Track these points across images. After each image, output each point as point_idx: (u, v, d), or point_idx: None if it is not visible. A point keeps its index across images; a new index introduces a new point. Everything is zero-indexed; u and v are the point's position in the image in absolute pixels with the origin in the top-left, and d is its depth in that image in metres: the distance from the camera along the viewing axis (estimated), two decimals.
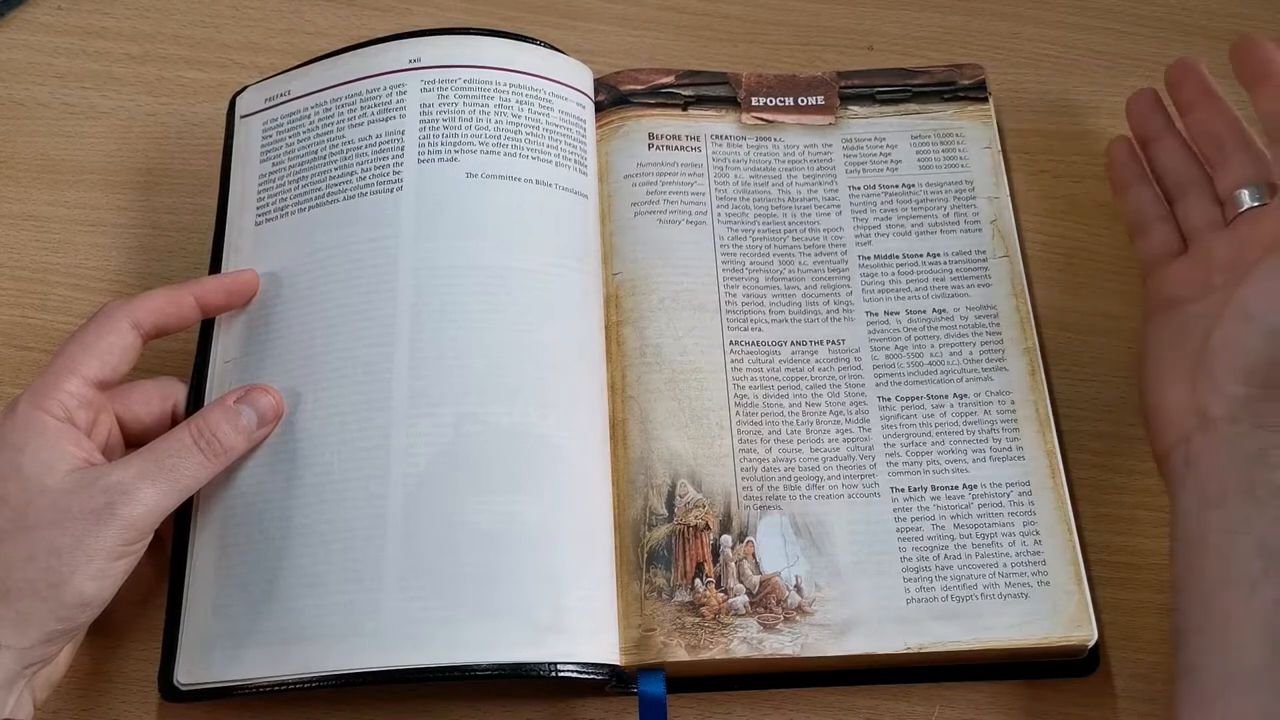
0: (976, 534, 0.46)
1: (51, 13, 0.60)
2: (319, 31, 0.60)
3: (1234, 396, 0.42)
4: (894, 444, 0.48)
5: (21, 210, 0.55)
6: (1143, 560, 0.48)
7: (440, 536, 0.42)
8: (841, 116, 0.55)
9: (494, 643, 0.41)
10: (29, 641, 0.39)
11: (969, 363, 0.49)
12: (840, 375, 0.49)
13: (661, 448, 0.47)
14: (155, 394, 0.46)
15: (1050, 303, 0.53)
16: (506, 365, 0.45)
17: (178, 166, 0.56)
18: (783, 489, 0.47)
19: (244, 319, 0.48)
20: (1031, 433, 0.48)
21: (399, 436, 0.44)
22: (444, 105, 0.50)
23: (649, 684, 0.43)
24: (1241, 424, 0.42)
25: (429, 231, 0.47)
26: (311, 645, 0.42)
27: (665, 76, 0.55)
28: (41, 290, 0.53)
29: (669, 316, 0.49)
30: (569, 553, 0.44)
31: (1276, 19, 0.61)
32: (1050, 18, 0.61)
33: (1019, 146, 0.56)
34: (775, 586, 0.45)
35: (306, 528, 0.43)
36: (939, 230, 0.52)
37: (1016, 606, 0.44)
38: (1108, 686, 0.45)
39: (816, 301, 0.51)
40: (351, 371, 0.45)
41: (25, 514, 0.39)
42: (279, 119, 0.52)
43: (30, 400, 0.41)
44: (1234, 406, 0.42)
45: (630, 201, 0.52)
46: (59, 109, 0.58)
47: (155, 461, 0.41)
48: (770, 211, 0.53)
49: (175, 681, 0.43)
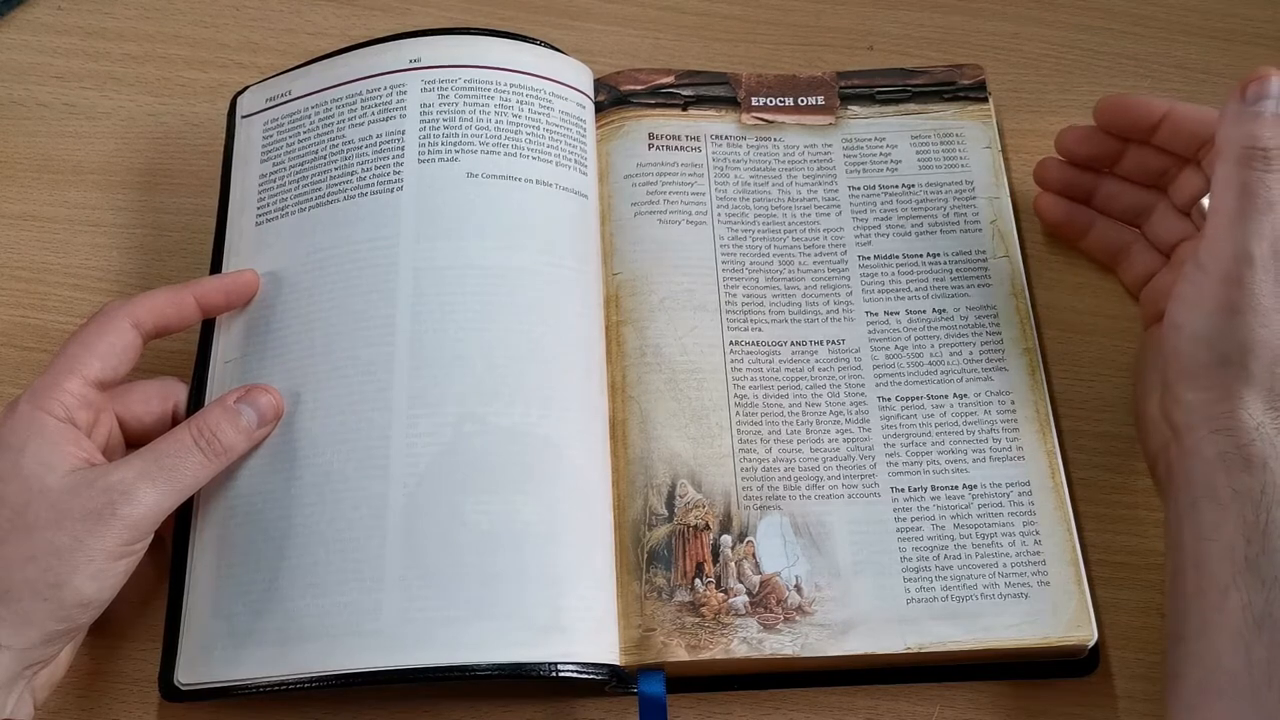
0: (976, 534, 0.46)
1: (51, 13, 0.61)
2: (319, 31, 0.60)
3: (1187, 403, 0.43)
4: (894, 444, 0.48)
5: (21, 210, 0.55)
6: (1143, 560, 0.48)
7: (440, 536, 0.42)
8: (841, 116, 0.55)
9: (494, 643, 0.41)
10: (29, 642, 0.39)
11: (969, 363, 0.49)
12: (840, 375, 0.49)
13: (661, 448, 0.47)
14: (155, 394, 0.46)
15: (1050, 303, 0.53)
16: (506, 365, 0.45)
17: (178, 166, 0.56)
18: (783, 489, 0.47)
19: (244, 319, 0.48)
20: (1031, 433, 0.48)
21: (399, 436, 0.44)
22: (444, 105, 0.50)
23: (649, 684, 0.43)
24: (1199, 430, 0.43)
25: (429, 231, 0.47)
26: (312, 645, 0.42)
27: (665, 76, 0.55)
28: (41, 290, 0.53)
29: (669, 316, 0.49)
30: (569, 553, 0.44)
31: (1276, 19, 0.61)
32: (1050, 18, 0.61)
33: (1019, 146, 0.56)
34: (775, 586, 0.45)
35: (306, 528, 0.43)
36: (939, 230, 0.52)
37: (1016, 606, 0.44)
38: (1108, 686, 0.45)
39: (816, 301, 0.51)
40: (351, 371, 0.45)
41: (25, 514, 0.39)
42: (279, 119, 0.52)
43: (31, 400, 0.41)
44: (1189, 414, 0.43)
45: (630, 201, 0.52)
46: (59, 109, 0.58)
47: (155, 461, 0.41)
48: (770, 211, 0.53)
49: (176, 681, 0.43)
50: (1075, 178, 0.52)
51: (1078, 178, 0.52)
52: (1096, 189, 0.52)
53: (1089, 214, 0.53)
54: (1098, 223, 0.52)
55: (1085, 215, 0.53)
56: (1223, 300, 0.42)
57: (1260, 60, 0.59)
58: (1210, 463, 0.42)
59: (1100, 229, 0.52)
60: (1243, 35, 0.61)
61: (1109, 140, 0.51)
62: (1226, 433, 0.42)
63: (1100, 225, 0.52)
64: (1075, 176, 0.52)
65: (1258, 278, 0.41)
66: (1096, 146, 0.51)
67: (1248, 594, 0.39)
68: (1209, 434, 0.42)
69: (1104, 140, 0.51)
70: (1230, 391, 0.42)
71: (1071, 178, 0.53)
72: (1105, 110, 0.50)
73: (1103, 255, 0.53)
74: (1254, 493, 0.41)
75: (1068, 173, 0.53)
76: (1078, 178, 0.52)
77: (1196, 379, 0.43)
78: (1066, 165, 0.53)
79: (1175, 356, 0.44)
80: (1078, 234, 0.53)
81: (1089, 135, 0.51)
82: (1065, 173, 0.53)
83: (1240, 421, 0.42)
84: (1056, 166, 0.53)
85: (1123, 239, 0.52)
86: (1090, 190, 0.52)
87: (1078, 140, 0.52)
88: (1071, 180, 0.53)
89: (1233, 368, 0.42)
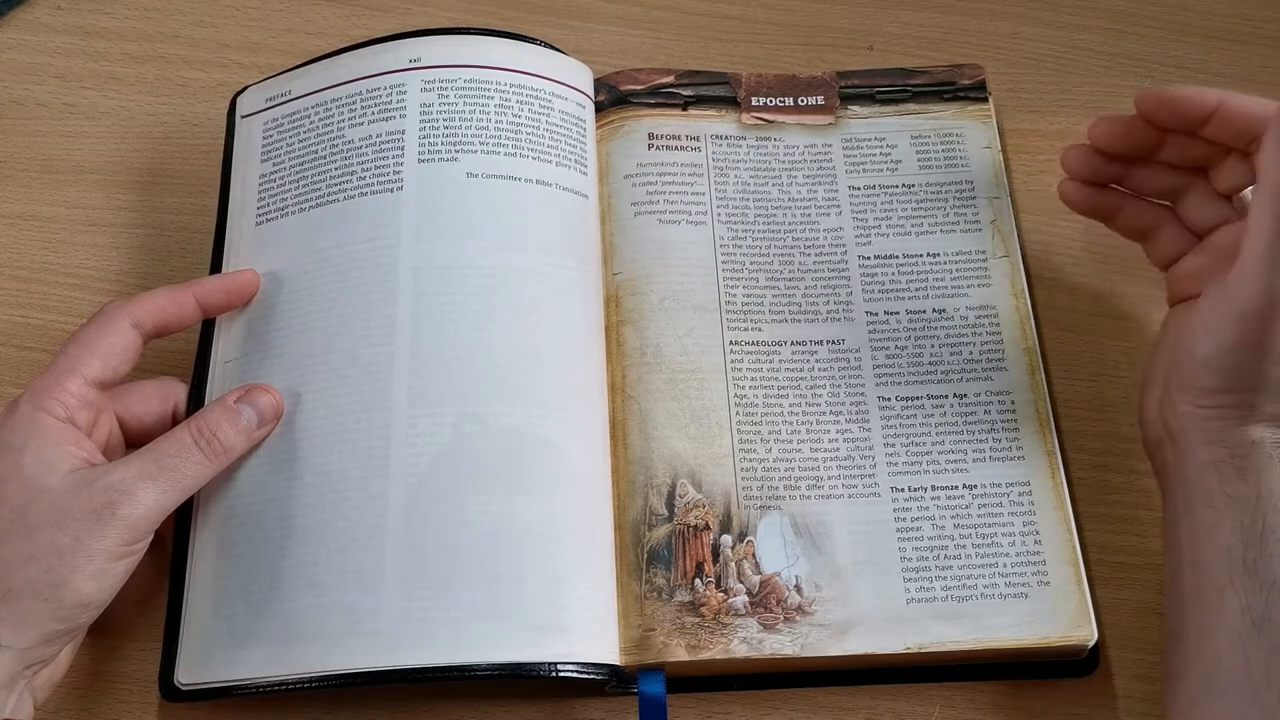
0: (976, 534, 0.46)
1: (51, 13, 0.60)
2: (319, 31, 0.60)
3: (1184, 413, 0.43)
4: (894, 444, 0.48)
5: (21, 210, 0.55)
6: (1143, 560, 0.48)
7: (440, 536, 0.42)
8: (841, 116, 0.55)
9: (494, 643, 0.41)
10: (29, 642, 0.39)
11: (969, 363, 0.49)
12: (840, 375, 0.49)
13: (661, 448, 0.47)
14: (155, 394, 0.46)
15: (1050, 303, 0.53)
16: (506, 365, 0.45)
17: (178, 166, 0.56)
18: (783, 489, 0.47)
19: (244, 319, 0.48)
20: (1031, 433, 0.48)
21: (399, 436, 0.44)
22: (444, 105, 0.50)
23: (649, 684, 0.43)
24: (1193, 437, 0.43)
25: (429, 231, 0.47)
26: (312, 645, 0.42)
27: (665, 76, 0.55)
28: (41, 290, 0.53)
29: (669, 316, 0.49)
30: (569, 553, 0.44)
31: (1276, 19, 0.61)
32: (1050, 18, 0.61)
33: (1019, 146, 0.56)
34: (775, 586, 0.45)
35: (306, 528, 0.43)
36: (939, 230, 0.52)
37: (1016, 606, 0.44)
38: (1108, 686, 0.45)
39: (816, 301, 0.51)
40: (351, 371, 0.45)
41: (25, 514, 0.39)
42: (279, 119, 0.52)
43: (31, 400, 0.41)
44: (1185, 421, 0.43)
45: (630, 201, 0.52)
46: (59, 109, 0.58)
47: (155, 461, 0.41)
48: (770, 211, 0.53)
49: (176, 681, 0.43)
50: (1105, 165, 0.50)
51: (1107, 165, 0.50)
52: (1128, 175, 0.50)
53: (1118, 196, 0.50)
54: (1127, 204, 0.50)
55: (1114, 198, 0.50)
56: (1241, 335, 0.41)
57: (1260, 60, 0.60)
58: (1205, 467, 0.42)
59: (1130, 209, 0.50)
60: (1243, 35, 0.61)
61: (1148, 131, 0.48)
62: (1220, 444, 0.42)
63: (1130, 205, 0.50)
64: (1104, 164, 0.50)
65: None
66: (1135, 139, 0.48)
67: (1246, 597, 0.39)
68: (1202, 443, 0.42)
69: (1143, 131, 0.48)
70: (1229, 414, 0.42)
71: (1101, 165, 0.50)
72: (1149, 102, 0.47)
73: (1132, 234, 0.51)
74: (1249, 499, 0.41)
75: (1097, 160, 0.50)
76: (1107, 165, 0.50)
77: (1198, 397, 0.43)
78: (1095, 152, 0.50)
79: (1181, 370, 0.43)
80: (1106, 217, 0.51)
81: (1126, 128, 0.48)
82: (1094, 160, 0.50)
83: (1236, 437, 0.42)
84: (1084, 153, 0.50)
85: (1154, 218, 0.50)
86: (1121, 176, 0.50)
87: (1114, 133, 0.49)
88: (1101, 168, 0.50)
89: (1237, 396, 0.42)
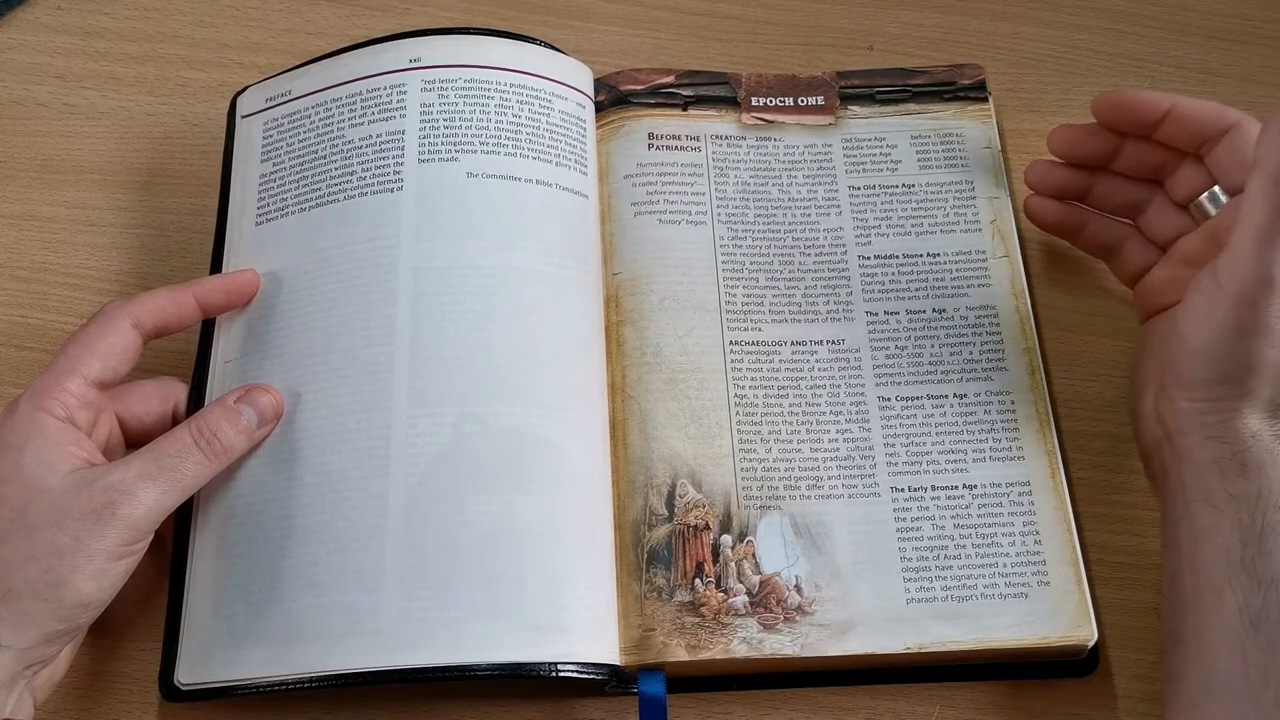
0: (976, 534, 0.46)
1: (51, 13, 0.60)
2: (319, 31, 0.60)
3: (1182, 410, 0.43)
4: (894, 444, 0.48)
5: (21, 210, 0.55)
6: (1143, 560, 0.48)
7: (440, 536, 0.42)
8: (841, 116, 0.55)
9: (494, 643, 0.41)
10: (29, 642, 0.39)
11: (969, 363, 0.49)
12: (840, 375, 0.49)
13: (661, 448, 0.47)
14: (155, 394, 0.46)
15: (1050, 303, 0.53)
16: (506, 365, 0.45)
17: (178, 166, 0.56)
18: (783, 489, 0.47)
19: (244, 319, 0.48)
20: (1031, 433, 0.48)
21: (399, 436, 0.44)
22: (444, 105, 0.50)
23: (649, 684, 0.43)
24: (1193, 435, 0.43)
25: (429, 231, 0.47)
26: (312, 645, 0.42)
27: (665, 76, 0.55)
28: (41, 290, 0.53)
29: (669, 316, 0.49)
30: (569, 553, 0.44)
31: (1276, 19, 0.61)
32: (1050, 18, 0.61)
33: (1019, 146, 0.56)
34: (775, 586, 0.45)
35: (306, 528, 0.43)
36: (939, 230, 0.52)
37: (1016, 606, 0.44)
38: (1108, 686, 0.45)
39: (816, 301, 0.51)
40: (351, 371, 0.45)
41: (25, 514, 0.39)
42: (279, 119, 0.52)
43: (31, 400, 0.41)
44: (1183, 419, 0.43)
45: (630, 201, 0.52)
46: (59, 109, 0.58)
47: (155, 461, 0.41)
48: (770, 211, 0.53)
49: (176, 681, 0.43)
50: (1067, 178, 0.51)
51: (1070, 178, 0.51)
52: (1090, 187, 0.51)
53: (1082, 212, 0.52)
54: (1091, 220, 0.51)
55: (1078, 214, 0.52)
56: (1235, 320, 0.41)
57: (1260, 60, 0.60)
58: (1205, 467, 0.42)
59: (1094, 226, 0.51)
60: (1243, 35, 0.61)
61: (1106, 137, 0.50)
62: (1221, 440, 0.42)
63: (1094, 222, 0.51)
64: (1067, 177, 0.51)
65: (1275, 302, 0.40)
66: (1092, 145, 0.50)
67: (1244, 596, 0.39)
68: (1203, 439, 0.42)
69: (1100, 137, 0.50)
70: (1228, 405, 0.42)
71: (1063, 178, 0.51)
72: (1105, 106, 0.49)
73: (1097, 251, 0.52)
74: (1250, 497, 0.41)
75: (1059, 173, 0.51)
76: (1070, 178, 0.51)
77: (1194, 390, 0.43)
78: (1057, 166, 0.52)
79: (1175, 365, 0.44)
80: (1071, 233, 0.52)
81: (1084, 135, 0.50)
82: (1057, 173, 0.51)
83: (1236, 431, 0.42)
84: (1047, 168, 0.52)
85: (1117, 234, 0.51)
86: (1083, 189, 0.51)
87: (1072, 141, 0.51)
88: (1064, 181, 0.51)
89: (1233, 384, 0.42)
